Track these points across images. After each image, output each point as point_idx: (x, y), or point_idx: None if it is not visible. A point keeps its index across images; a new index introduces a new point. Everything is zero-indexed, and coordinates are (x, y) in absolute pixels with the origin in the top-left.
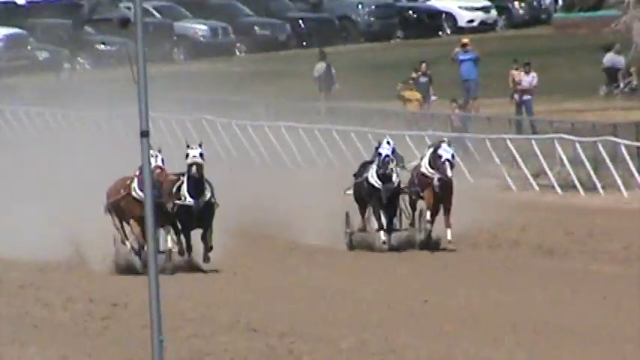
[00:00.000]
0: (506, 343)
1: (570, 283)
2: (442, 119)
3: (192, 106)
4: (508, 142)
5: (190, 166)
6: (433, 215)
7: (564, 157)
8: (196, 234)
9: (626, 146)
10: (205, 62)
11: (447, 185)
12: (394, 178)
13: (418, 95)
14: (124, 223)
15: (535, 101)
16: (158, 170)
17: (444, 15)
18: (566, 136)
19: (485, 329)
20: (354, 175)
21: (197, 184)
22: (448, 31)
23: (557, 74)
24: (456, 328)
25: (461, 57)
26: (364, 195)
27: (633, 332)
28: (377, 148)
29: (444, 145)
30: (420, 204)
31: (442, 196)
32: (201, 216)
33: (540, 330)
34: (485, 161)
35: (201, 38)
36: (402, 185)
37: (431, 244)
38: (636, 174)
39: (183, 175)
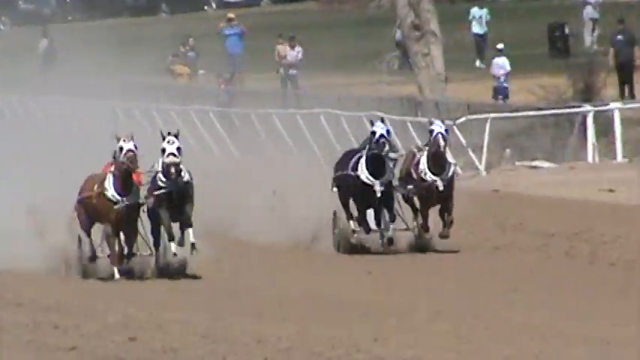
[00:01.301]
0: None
1: None
2: (211, 94)
3: None
4: (274, 116)
5: (168, 166)
6: None
7: (330, 131)
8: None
9: (392, 121)
10: None
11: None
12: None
13: (187, 69)
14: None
15: (301, 75)
16: (130, 154)
17: None
18: (331, 111)
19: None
20: (337, 165)
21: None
22: (214, 6)
23: (322, 49)
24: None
25: (226, 32)
26: (353, 192)
27: (398, 307)
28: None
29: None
30: None
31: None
32: (180, 202)
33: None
34: (252, 136)
35: None
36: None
37: None
38: (401, 148)
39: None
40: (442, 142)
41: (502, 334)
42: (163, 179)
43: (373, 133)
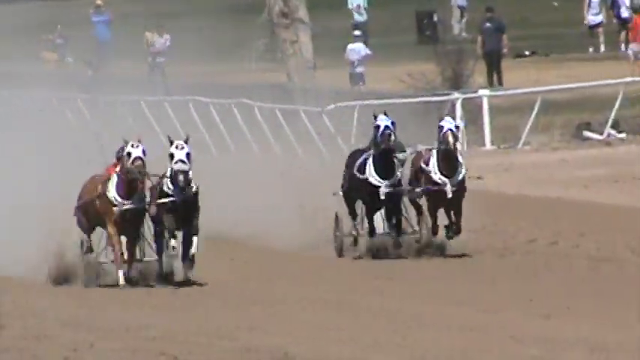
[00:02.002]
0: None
1: None
2: (78, 80)
3: None
4: (142, 103)
5: (177, 173)
6: None
7: (198, 119)
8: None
9: (260, 108)
10: None
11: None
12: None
13: (55, 56)
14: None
15: (169, 63)
16: (139, 162)
17: None
18: (199, 98)
19: None
20: (346, 167)
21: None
22: None
23: (191, 36)
24: None
25: (94, 18)
26: (359, 193)
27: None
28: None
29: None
30: None
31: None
32: (186, 213)
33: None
34: (119, 122)
35: None
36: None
37: None
38: (270, 136)
39: (163, 177)
40: (452, 139)
41: (368, 322)
42: (170, 187)
43: (377, 127)
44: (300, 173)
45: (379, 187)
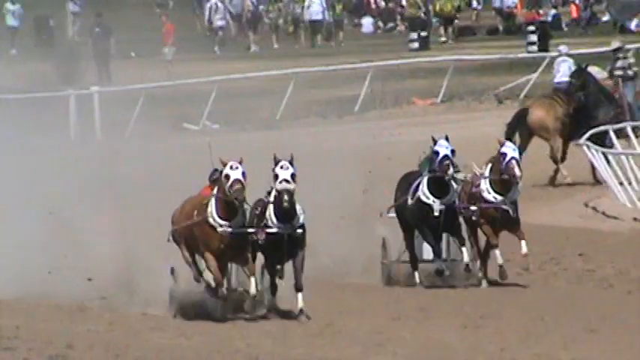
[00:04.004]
0: None
1: None
2: None
3: None
4: None
5: (280, 193)
6: None
7: None
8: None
9: None
10: None
11: None
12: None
13: None
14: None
15: None
16: (238, 186)
17: None
18: None
19: None
20: (396, 191)
21: (288, 211)
22: None
23: None
24: None
25: None
26: (410, 216)
27: None
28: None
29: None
30: None
31: None
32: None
33: None
34: None
35: None
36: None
37: None
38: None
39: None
40: (518, 171)
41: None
42: (274, 220)
43: (436, 152)
44: None
45: (431, 206)
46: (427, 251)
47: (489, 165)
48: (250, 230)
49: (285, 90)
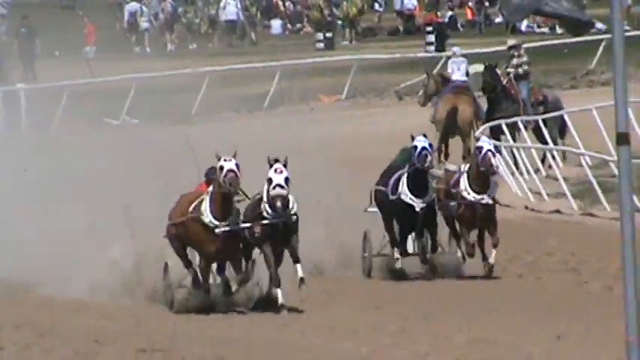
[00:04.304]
0: None
1: None
2: None
3: None
4: None
5: (274, 199)
6: None
7: None
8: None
9: None
10: None
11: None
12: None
13: None
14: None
15: None
16: (232, 175)
17: None
18: None
19: None
20: (377, 184)
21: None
22: None
23: None
24: None
25: None
26: (394, 214)
27: None
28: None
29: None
30: None
31: None
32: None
33: None
34: None
35: None
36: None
37: None
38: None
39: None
40: (495, 162)
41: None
42: (269, 210)
43: (415, 147)
44: None
45: (414, 206)
46: (410, 245)
47: (467, 165)
48: (245, 225)
49: (199, 87)
